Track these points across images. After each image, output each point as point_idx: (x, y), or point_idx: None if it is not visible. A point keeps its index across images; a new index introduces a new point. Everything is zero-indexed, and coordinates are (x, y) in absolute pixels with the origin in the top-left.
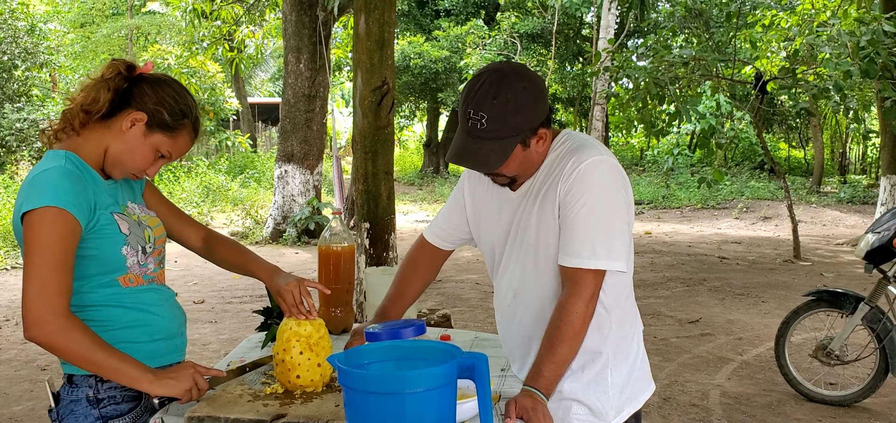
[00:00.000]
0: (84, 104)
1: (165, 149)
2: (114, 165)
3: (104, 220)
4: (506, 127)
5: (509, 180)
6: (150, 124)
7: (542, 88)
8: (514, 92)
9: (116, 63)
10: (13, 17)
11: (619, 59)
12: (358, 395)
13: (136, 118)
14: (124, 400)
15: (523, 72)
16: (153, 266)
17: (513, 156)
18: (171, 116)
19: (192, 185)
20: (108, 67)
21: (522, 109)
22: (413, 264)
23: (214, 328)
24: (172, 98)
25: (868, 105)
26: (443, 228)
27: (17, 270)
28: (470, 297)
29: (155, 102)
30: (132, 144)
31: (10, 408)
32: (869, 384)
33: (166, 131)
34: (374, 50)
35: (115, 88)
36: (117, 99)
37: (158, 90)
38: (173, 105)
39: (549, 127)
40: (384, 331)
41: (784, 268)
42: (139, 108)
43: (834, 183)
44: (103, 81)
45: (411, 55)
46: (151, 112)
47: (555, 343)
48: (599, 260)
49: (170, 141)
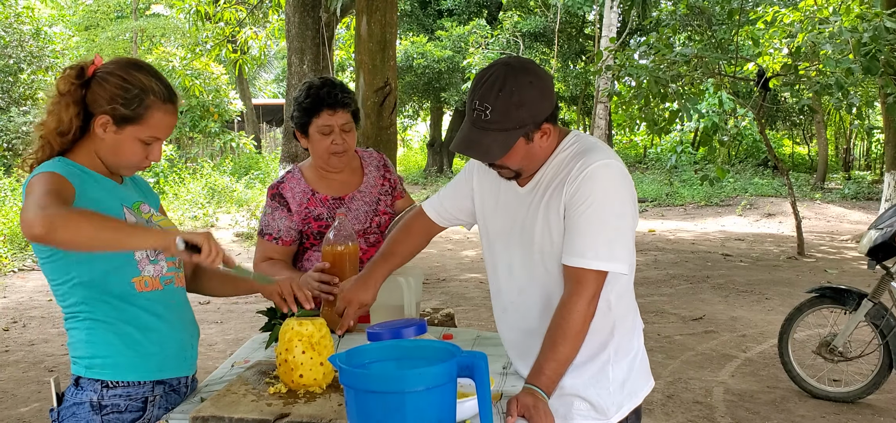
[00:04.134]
0: (58, 129)
1: (144, 135)
2: (113, 167)
3: (109, 208)
4: (509, 119)
5: (514, 174)
6: (115, 122)
7: (549, 85)
8: (520, 86)
9: (68, 73)
10: (18, 22)
11: (622, 57)
12: (359, 394)
13: (102, 122)
14: (128, 410)
15: (531, 67)
16: (167, 266)
17: (516, 149)
18: (127, 106)
19: (197, 186)
20: (61, 80)
21: (527, 102)
22: (407, 229)
23: (220, 329)
24: (120, 88)
25: (871, 101)
26: (444, 206)
27: (24, 272)
28: (473, 296)
29: (107, 100)
30: (114, 145)
31: (18, 409)
32: (873, 381)
33: (133, 122)
34: (376, 51)
35: (74, 101)
36: (82, 109)
37: (106, 86)
38: (124, 95)
39: (554, 123)
40: (385, 330)
41: (788, 265)
42: (99, 111)
43: (838, 179)
44: (61, 98)
45: (414, 55)
46: (109, 111)
47: (557, 342)
48: (601, 261)
49: (143, 127)
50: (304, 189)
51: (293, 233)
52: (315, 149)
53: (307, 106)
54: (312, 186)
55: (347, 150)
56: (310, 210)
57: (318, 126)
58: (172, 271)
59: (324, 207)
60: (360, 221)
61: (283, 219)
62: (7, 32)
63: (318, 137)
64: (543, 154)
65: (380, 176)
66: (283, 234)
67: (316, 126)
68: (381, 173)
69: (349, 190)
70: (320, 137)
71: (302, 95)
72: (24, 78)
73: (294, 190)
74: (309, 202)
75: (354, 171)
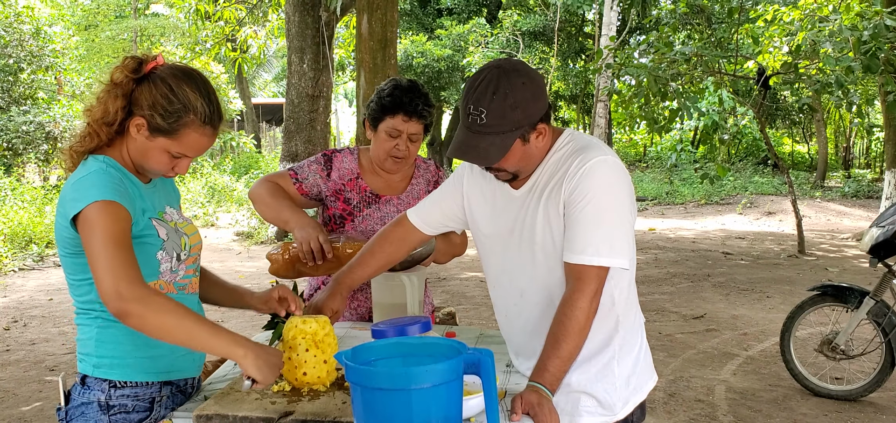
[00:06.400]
0: (104, 118)
1: (174, 150)
2: (139, 167)
3: (143, 224)
4: (505, 122)
5: (511, 176)
6: (149, 129)
7: (541, 85)
8: (513, 88)
9: (127, 62)
10: (18, 21)
11: (621, 56)
12: (365, 391)
13: (137, 124)
14: (135, 410)
15: (522, 68)
16: (183, 274)
17: (512, 150)
18: (165, 118)
19: (197, 185)
20: (118, 69)
21: (521, 104)
22: (383, 238)
23: None
24: (165, 98)
25: (871, 99)
26: (430, 212)
27: (24, 272)
28: (474, 294)
29: (149, 105)
30: (143, 149)
31: (20, 408)
32: (874, 379)
33: (166, 134)
34: (377, 49)
35: (123, 93)
36: (128, 103)
37: (153, 91)
38: (166, 106)
39: (548, 123)
40: (390, 328)
41: (788, 263)
42: (139, 112)
43: (838, 177)
44: (113, 87)
45: (414, 54)
46: (147, 117)
47: (560, 339)
48: (603, 257)
49: (175, 142)
50: (351, 168)
51: (315, 191)
52: (378, 146)
53: (387, 104)
54: (360, 170)
55: (408, 158)
56: (345, 190)
57: (388, 126)
58: (187, 278)
59: (359, 195)
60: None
61: (317, 174)
62: (7, 32)
63: (385, 136)
64: (539, 154)
65: (426, 191)
66: (307, 184)
67: (387, 125)
68: (429, 188)
69: (390, 193)
70: (386, 137)
71: (386, 90)
72: (24, 77)
73: (343, 163)
74: (349, 182)
75: (404, 177)
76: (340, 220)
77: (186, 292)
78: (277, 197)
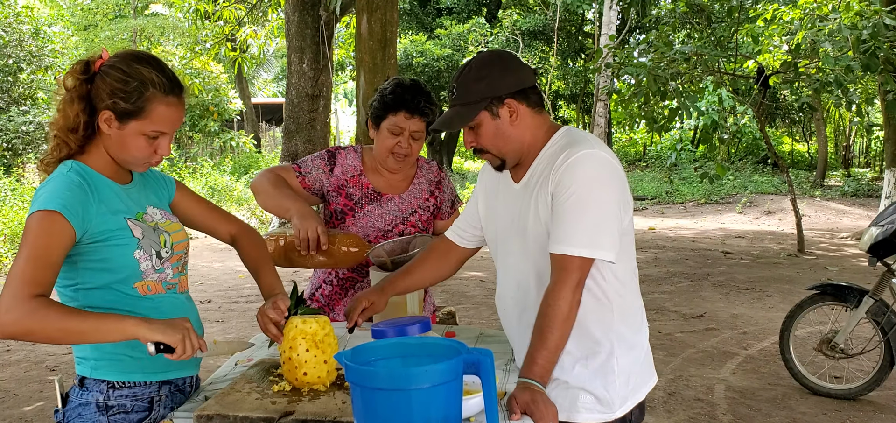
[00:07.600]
0: (67, 125)
1: (148, 130)
2: (123, 163)
3: (114, 225)
4: (470, 93)
5: (499, 162)
6: (117, 117)
7: (514, 64)
8: (483, 64)
9: (74, 68)
10: (18, 21)
11: (621, 55)
12: (365, 391)
13: (105, 118)
14: (134, 410)
15: (499, 52)
16: (172, 272)
17: (483, 125)
18: (127, 100)
19: (197, 185)
20: (68, 75)
21: (486, 77)
22: (428, 252)
23: (221, 328)
24: (121, 82)
25: (871, 98)
26: (459, 224)
27: None
28: (475, 294)
29: (108, 94)
30: (119, 141)
31: (20, 408)
32: (874, 378)
33: (134, 116)
34: (377, 49)
35: (79, 96)
36: (87, 106)
37: (108, 81)
38: (123, 88)
39: (527, 105)
40: (390, 328)
41: (788, 262)
42: (102, 106)
43: (838, 177)
44: (68, 93)
45: (413, 54)
46: (110, 106)
47: (545, 331)
48: (584, 248)
49: (145, 121)
50: (354, 165)
51: (317, 185)
52: (380, 143)
53: (390, 101)
54: (363, 167)
55: (410, 156)
56: (348, 186)
57: (390, 123)
58: (176, 278)
59: (361, 192)
60: (385, 222)
61: (320, 170)
62: (6, 32)
63: (387, 133)
64: (518, 134)
65: (428, 191)
66: (310, 178)
67: (389, 122)
68: (431, 189)
69: (392, 191)
70: (388, 135)
71: (388, 89)
72: (23, 77)
73: (346, 160)
74: (351, 179)
75: (406, 176)
76: (342, 215)
77: (177, 290)
78: (280, 187)
